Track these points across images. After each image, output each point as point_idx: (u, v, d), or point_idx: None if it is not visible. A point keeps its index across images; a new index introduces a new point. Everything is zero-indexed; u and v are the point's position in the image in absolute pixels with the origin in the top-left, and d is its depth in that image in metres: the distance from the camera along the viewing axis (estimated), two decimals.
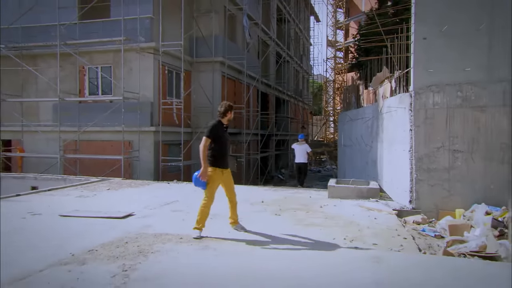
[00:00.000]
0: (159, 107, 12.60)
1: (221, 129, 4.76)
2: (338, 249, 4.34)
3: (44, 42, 12.57)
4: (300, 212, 6.42)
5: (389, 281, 3.35)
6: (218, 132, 4.69)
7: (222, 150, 4.71)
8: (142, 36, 12.20)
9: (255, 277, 3.47)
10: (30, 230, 5.12)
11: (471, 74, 6.40)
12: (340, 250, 4.30)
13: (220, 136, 4.70)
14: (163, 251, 4.20)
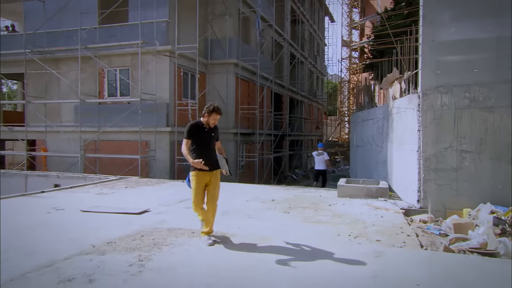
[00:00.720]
0: (174, 108, 12.99)
1: (199, 129, 4.43)
2: (341, 244, 4.54)
3: (66, 46, 13.16)
4: (308, 210, 6.62)
5: (386, 274, 3.54)
6: (196, 133, 4.41)
7: (203, 152, 4.39)
8: (158, 39, 12.62)
9: (260, 267, 3.71)
10: (54, 223, 5.50)
11: (479, 76, 6.46)
12: (343, 245, 4.50)
13: (199, 137, 4.41)
14: (176, 244, 4.50)
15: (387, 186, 8.00)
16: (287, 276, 3.51)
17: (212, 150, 4.53)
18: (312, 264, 3.82)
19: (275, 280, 3.39)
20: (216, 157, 4.55)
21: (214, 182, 4.50)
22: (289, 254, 4.15)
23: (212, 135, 4.50)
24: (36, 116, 13.77)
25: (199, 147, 4.43)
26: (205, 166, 4.28)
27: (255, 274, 3.58)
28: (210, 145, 4.52)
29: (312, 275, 3.53)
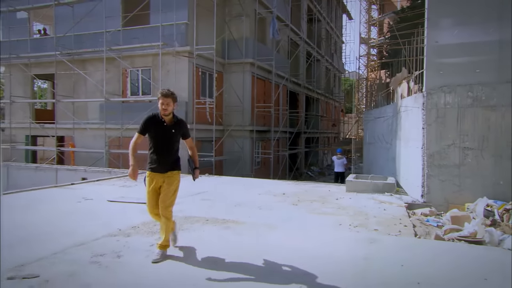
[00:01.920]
0: (193, 106, 13.61)
1: (155, 123, 3.77)
2: (341, 232, 4.97)
3: (93, 48, 13.98)
4: (316, 203, 7.06)
5: (376, 256, 3.96)
6: (150, 127, 3.78)
7: (157, 150, 3.79)
8: (178, 40, 13.24)
9: (266, 249, 4.19)
10: (85, 211, 6.16)
11: (482, 76, 6.71)
12: (342, 232, 4.93)
13: (154, 133, 3.78)
14: (191, 229, 5.04)
15: (394, 181, 8.33)
16: (285, 254, 3.97)
17: (170, 149, 3.84)
18: (311, 246, 4.28)
19: (274, 257, 3.86)
20: (174, 158, 3.90)
21: (167, 183, 3.82)
22: (290, 239, 4.62)
23: (172, 131, 3.78)
24: (64, 114, 14.69)
25: (153, 145, 3.79)
26: (156, 169, 3.77)
27: (258, 251, 4.07)
28: (167, 143, 3.80)
29: (309, 255, 3.99)
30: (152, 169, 3.82)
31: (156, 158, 3.79)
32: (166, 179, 3.84)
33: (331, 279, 3.30)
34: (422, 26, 8.12)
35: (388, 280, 3.29)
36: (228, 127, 15.13)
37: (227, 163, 15.34)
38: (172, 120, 3.83)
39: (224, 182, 9.85)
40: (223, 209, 6.31)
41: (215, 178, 10.57)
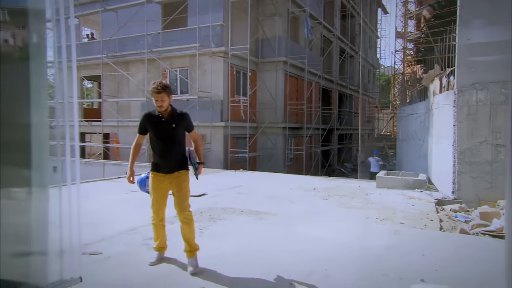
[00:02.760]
0: (228, 105, 14.18)
1: (151, 120, 3.46)
2: (367, 224, 5.26)
3: (135, 50, 14.91)
4: (346, 198, 7.34)
5: (398, 246, 4.23)
6: (147, 125, 3.49)
7: (159, 149, 3.48)
8: (213, 41, 13.84)
9: (294, 238, 4.59)
10: (132, 201, 6.84)
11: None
12: (368, 225, 5.22)
13: (151, 131, 3.48)
14: (227, 219, 5.53)
15: (425, 178, 8.40)
16: (312, 242, 4.35)
17: (172, 147, 3.48)
18: (336, 236, 4.62)
19: (301, 245, 4.25)
20: (179, 156, 3.57)
21: (177, 185, 3.52)
22: (318, 229, 4.98)
23: (172, 126, 3.43)
24: (109, 112, 15.79)
25: (154, 144, 3.49)
26: (158, 169, 3.49)
27: (288, 239, 4.47)
28: (169, 140, 3.47)
29: (334, 243, 4.34)
30: (156, 169, 3.48)
31: (159, 157, 3.46)
32: (175, 181, 3.48)
33: (353, 264, 3.64)
34: (455, 23, 8.10)
35: (407, 267, 3.58)
36: (261, 124, 15.58)
37: (261, 159, 15.81)
38: (171, 114, 3.44)
39: (257, 177, 10.32)
40: (256, 202, 6.76)
41: (249, 174, 11.06)
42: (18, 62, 2.77)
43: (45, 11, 2.60)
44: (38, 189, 2.70)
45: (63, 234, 2.71)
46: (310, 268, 3.51)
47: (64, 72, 2.78)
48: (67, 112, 2.91)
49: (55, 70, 2.69)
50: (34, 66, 2.73)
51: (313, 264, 3.60)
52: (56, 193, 2.80)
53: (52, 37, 2.59)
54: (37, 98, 2.75)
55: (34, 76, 2.76)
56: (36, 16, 2.64)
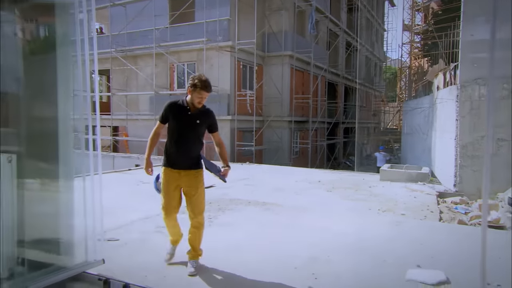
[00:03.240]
0: (235, 98, 14.39)
1: (179, 110, 3.16)
2: (369, 215, 5.49)
3: (143, 45, 15.14)
4: (349, 190, 7.56)
5: (398, 236, 4.46)
6: (173, 115, 3.16)
7: (177, 143, 3.18)
8: (220, 36, 14.01)
9: (299, 228, 4.83)
10: (144, 192, 7.13)
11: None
12: (370, 216, 5.45)
13: (176, 122, 3.16)
14: (235, 209, 5.79)
15: (428, 171, 8.58)
16: (315, 232, 4.59)
17: (191, 143, 3.21)
18: (339, 226, 4.85)
19: (305, 234, 4.49)
20: (198, 154, 3.33)
21: (193, 186, 3.24)
22: (321, 220, 5.22)
23: (197, 122, 3.16)
24: (118, 106, 16.10)
25: (173, 136, 3.18)
26: (172, 164, 3.21)
27: (292, 229, 4.71)
28: (190, 135, 3.19)
29: (336, 232, 4.57)
30: (170, 164, 3.18)
31: (176, 151, 3.17)
32: (192, 180, 3.21)
33: (354, 252, 3.87)
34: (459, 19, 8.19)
35: (405, 255, 3.80)
36: (267, 118, 15.78)
37: (267, 152, 16.05)
38: (199, 110, 3.16)
39: (264, 170, 10.56)
40: (263, 193, 7.01)
41: (255, 166, 11.31)
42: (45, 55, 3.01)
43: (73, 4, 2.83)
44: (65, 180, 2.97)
45: (87, 221, 2.99)
46: (313, 254, 3.75)
47: (86, 65, 3.02)
48: (89, 105, 3.17)
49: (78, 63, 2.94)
50: (60, 59, 2.98)
51: (316, 251, 3.84)
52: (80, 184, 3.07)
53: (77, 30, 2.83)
54: (63, 91, 3.00)
55: (60, 69, 3.00)
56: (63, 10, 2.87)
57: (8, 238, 2.57)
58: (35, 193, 2.95)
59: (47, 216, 2.92)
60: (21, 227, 2.68)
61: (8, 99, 2.74)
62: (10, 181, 2.60)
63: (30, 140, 2.82)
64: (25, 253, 2.68)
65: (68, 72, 3.09)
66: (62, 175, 2.97)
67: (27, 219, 2.70)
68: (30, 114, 2.89)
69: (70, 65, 3.08)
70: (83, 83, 3.05)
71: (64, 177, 2.99)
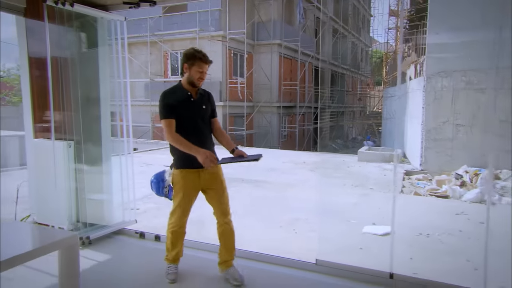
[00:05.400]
0: (226, 85, 15.24)
1: (180, 98, 2.55)
2: (343, 189, 6.57)
3: (137, 33, 15.74)
4: (330, 169, 8.64)
5: (363, 203, 5.55)
6: (176, 105, 2.52)
7: (189, 137, 2.50)
8: (212, 25, 14.72)
9: (284, 200, 5.87)
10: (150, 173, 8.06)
11: (475, 63, 7.84)
12: (344, 189, 6.53)
13: (183, 113, 2.54)
14: (231, 186, 6.69)
15: (399, 153, 9.71)
16: (298, 202, 5.64)
17: (206, 134, 2.65)
18: (317, 197, 5.92)
19: (290, 204, 5.54)
20: (212, 145, 2.69)
21: (219, 182, 2.74)
22: (303, 192, 6.28)
23: (203, 108, 2.62)
24: None
25: (183, 130, 2.52)
26: (192, 164, 2.51)
27: (278, 201, 5.76)
28: (201, 125, 2.62)
29: (315, 201, 5.63)
30: (187, 164, 2.55)
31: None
32: (213, 177, 2.68)
33: (327, 215, 4.93)
34: None
35: (365, 216, 4.88)
36: (257, 103, 16.70)
37: (257, 136, 17.04)
38: (200, 93, 2.64)
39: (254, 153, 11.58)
40: (255, 173, 8.03)
41: (246, 149, 12.29)
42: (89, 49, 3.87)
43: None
44: (105, 161, 3.93)
45: (123, 190, 3.97)
46: (295, 217, 4.80)
47: (120, 55, 3.93)
48: (123, 92, 4.11)
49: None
50: (101, 52, 3.85)
51: (298, 215, 4.90)
52: (117, 161, 4.03)
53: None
54: (104, 80, 3.91)
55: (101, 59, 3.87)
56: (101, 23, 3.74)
57: (70, 203, 3.54)
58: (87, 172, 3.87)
59: (96, 189, 3.89)
60: (78, 197, 3.64)
61: (69, 89, 3.61)
62: (70, 162, 3.54)
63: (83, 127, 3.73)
64: (81, 215, 3.65)
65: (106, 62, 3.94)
66: (104, 156, 3.93)
67: (81, 192, 3.66)
68: (83, 103, 3.79)
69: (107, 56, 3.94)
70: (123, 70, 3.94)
71: (105, 158, 3.94)
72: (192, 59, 2.54)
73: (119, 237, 3.71)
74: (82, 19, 3.63)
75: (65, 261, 1.90)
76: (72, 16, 3.47)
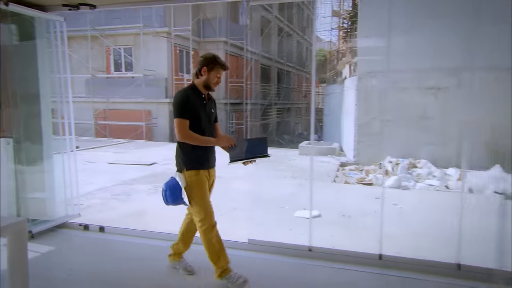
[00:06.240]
0: (172, 82, 15.21)
1: (197, 101, 2.62)
2: (282, 180, 7.08)
3: (75, 27, 15.11)
4: (273, 163, 9.13)
5: (298, 192, 6.08)
6: (193, 106, 2.59)
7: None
8: (157, 21, 14.60)
9: (229, 191, 6.22)
10: (93, 170, 8.00)
11: (398, 64, 8.75)
12: (283, 180, 7.05)
13: (199, 114, 2.61)
14: None
15: (336, 146, 10.51)
16: (241, 193, 6.02)
17: (214, 135, 2.82)
18: (258, 188, 6.35)
19: (234, 194, 5.91)
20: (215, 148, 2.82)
21: (213, 183, 2.95)
22: (247, 185, 6.69)
23: (212, 111, 2.79)
24: None
25: (197, 131, 2.61)
26: (208, 163, 2.77)
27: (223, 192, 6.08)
28: (211, 127, 2.78)
29: (255, 192, 6.06)
30: (201, 165, 2.69)
31: (204, 148, 2.68)
32: (214, 177, 2.90)
33: (265, 203, 5.38)
34: None
35: (299, 203, 5.39)
36: None
37: None
38: (210, 98, 2.77)
39: None
40: None
41: None
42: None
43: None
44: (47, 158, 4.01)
45: (66, 186, 4.06)
46: (235, 206, 5.18)
47: (59, 49, 4.01)
48: (64, 88, 4.17)
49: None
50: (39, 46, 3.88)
51: (238, 204, 5.28)
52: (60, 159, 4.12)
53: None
54: (43, 76, 3.95)
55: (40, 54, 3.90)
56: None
57: (10, 200, 3.59)
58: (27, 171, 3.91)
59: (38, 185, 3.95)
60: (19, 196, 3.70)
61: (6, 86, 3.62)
62: (9, 161, 3.59)
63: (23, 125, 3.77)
64: (22, 212, 3.71)
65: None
66: (46, 155, 4.00)
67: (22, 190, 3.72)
68: (22, 99, 3.82)
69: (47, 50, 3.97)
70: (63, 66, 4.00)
71: (46, 156, 4.01)
72: (212, 63, 2.60)
73: (62, 230, 3.82)
74: (18, 16, 3.65)
75: (14, 247, 2.05)
76: (7, 14, 3.50)
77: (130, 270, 2.94)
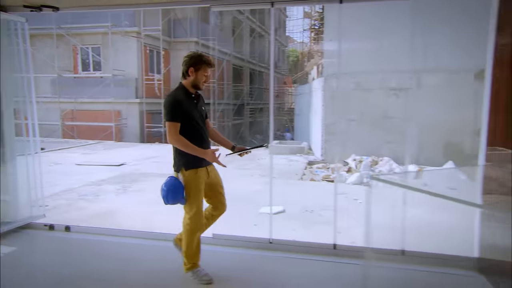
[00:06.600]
0: (142, 82, 15.06)
1: (188, 102, 2.64)
2: (250, 178, 7.26)
3: (39, 25, 14.66)
4: (243, 162, 9.26)
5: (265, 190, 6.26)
6: (186, 110, 2.60)
7: (196, 138, 2.68)
8: (126, 21, 14.41)
9: None
10: (59, 172, 7.87)
11: (362, 66, 9.15)
12: (251, 179, 7.22)
13: (191, 114, 2.63)
14: (147, 181, 7.03)
15: (305, 145, 10.81)
16: None
17: (207, 133, 2.85)
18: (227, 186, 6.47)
19: None
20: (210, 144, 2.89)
21: (219, 178, 3.09)
22: None
23: (202, 108, 2.80)
24: None
25: (191, 131, 2.66)
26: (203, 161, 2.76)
27: None
28: (203, 125, 2.80)
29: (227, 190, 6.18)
30: (198, 163, 2.73)
31: (199, 146, 2.68)
32: (212, 173, 2.98)
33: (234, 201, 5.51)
34: None
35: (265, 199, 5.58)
36: None
37: None
38: (198, 95, 2.76)
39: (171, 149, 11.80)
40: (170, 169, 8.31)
41: (164, 146, 12.44)
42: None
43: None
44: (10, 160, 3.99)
45: (30, 188, 4.06)
46: None
47: (21, 47, 3.99)
48: (27, 88, 4.16)
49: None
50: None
51: None
52: (23, 161, 4.10)
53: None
54: (4, 75, 3.92)
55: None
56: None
57: None
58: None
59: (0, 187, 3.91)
60: None
61: None
62: None
63: None
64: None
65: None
66: (8, 156, 3.97)
67: None
68: None
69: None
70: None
71: (9, 158, 3.99)
72: (198, 63, 2.59)
73: (26, 231, 3.81)
74: None
75: None
76: None
77: (97, 268, 3.01)
